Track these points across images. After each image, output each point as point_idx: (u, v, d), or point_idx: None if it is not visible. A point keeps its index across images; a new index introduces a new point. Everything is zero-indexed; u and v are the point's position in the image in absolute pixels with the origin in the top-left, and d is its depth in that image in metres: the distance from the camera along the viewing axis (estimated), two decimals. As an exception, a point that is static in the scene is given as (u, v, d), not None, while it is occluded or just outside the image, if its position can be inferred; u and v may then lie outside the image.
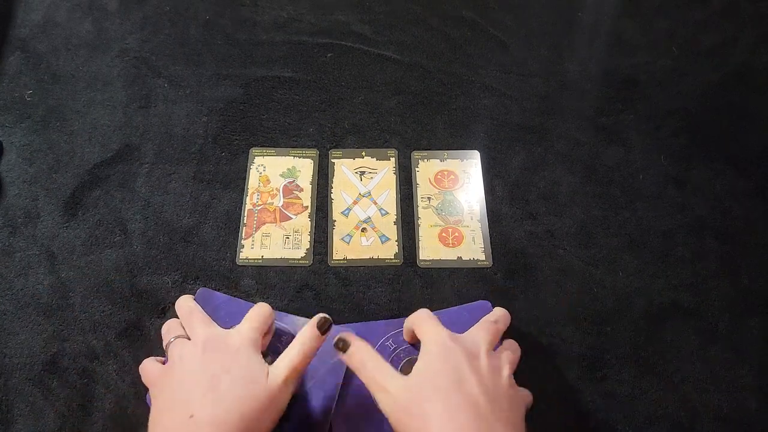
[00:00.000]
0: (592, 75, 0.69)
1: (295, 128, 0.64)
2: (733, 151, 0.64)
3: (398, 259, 0.56)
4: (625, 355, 0.52)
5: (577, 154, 0.63)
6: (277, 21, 0.72)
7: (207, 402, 0.36)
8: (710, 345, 0.52)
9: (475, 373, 0.37)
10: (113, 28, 0.70)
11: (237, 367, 0.39)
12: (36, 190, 0.58)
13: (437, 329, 0.41)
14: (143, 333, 0.51)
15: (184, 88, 0.66)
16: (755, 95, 0.68)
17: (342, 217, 0.58)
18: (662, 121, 0.66)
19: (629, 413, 0.49)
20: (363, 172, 0.61)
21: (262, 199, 0.59)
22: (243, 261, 0.55)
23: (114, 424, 0.47)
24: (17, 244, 0.55)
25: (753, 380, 0.51)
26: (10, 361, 0.49)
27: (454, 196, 0.60)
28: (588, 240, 0.58)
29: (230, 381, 0.38)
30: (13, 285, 0.53)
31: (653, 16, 0.74)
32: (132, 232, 0.56)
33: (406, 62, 0.69)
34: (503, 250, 0.57)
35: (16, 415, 0.47)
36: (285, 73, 0.68)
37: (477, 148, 0.63)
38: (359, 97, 0.66)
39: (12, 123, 0.62)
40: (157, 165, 0.60)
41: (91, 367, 0.49)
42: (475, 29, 0.72)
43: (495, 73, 0.69)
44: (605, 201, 0.60)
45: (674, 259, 0.57)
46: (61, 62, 0.67)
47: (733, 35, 0.73)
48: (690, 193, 0.61)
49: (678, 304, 0.54)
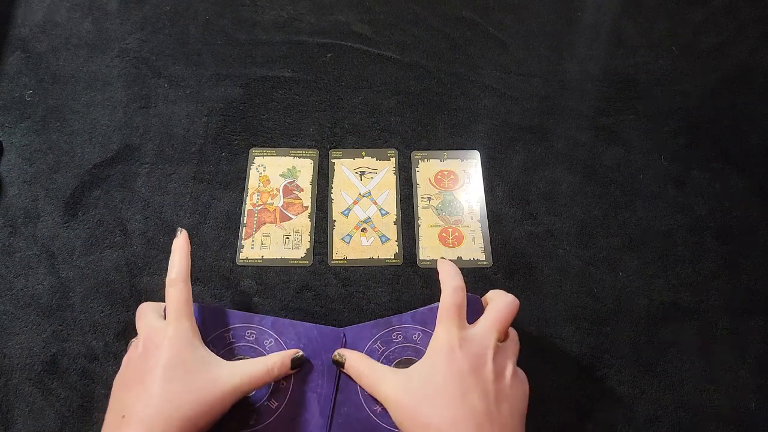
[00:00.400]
0: (592, 75, 0.69)
1: (295, 128, 0.64)
2: (733, 151, 0.64)
3: (398, 259, 0.56)
4: (625, 355, 0.52)
5: (577, 154, 0.63)
6: (277, 21, 0.72)
7: (138, 399, 0.36)
8: (710, 345, 0.52)
9: (480, 383, 0.37)
10: (113, 28, 0.70)
11: (172, 360, 0.37)
12: (36, 190, 0.58)
13: (450, 330, 0.40)
14: (143, 333, 0.51)
15: (184, 88, 0.66)
16: (755, 95, 0.68)
17: (342, 217, 0.58)
18: (662, 121, 0.66)
19: (629, 413, 0.49)
20: (363, 172, 0.61)
21: (262, 199, 0.59)
22: (243, 261, 0.55)
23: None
24: (17, 244, 0.55)
25: (753, 380, 0.51)
26: (10, 362, 0.49)
27: (454, 196, 0.60)
28: (588, 240, 0.58)
29: (162, 376, 0.36)
30: (13, 285, 0.53)
31: (653, 16, 0.74)
32: (132, 232, 0.56)
33: (406, 62, 0.69)
34: (503, 250, 0.57)
35: (16, 416, 0.47)
36: (285, 73, 0.68)
37: (477, 148, 0.63)
38: (359, 97, 0.66)
39: (12, 123, 0.62)
40: (157, 165, 0.60)
41: (91, 368, 0.49)
42: (475, 29, 0.72)
43: (495, 73, 0.69)
44: (605, 201, 0.60)
45: (674, 259, 0.57)
46: (61, 62, 0.67)
47: (733, 35, 0.73)
48: (690, 193, 0.61)
49: (678, 304, 0.54)
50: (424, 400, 0.37)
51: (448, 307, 0.41)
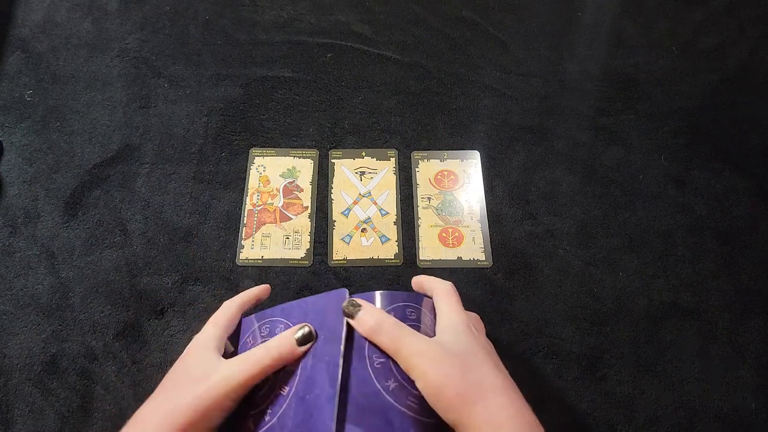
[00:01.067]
0: (592, 75, 0.69)
1: (295, 128, 0.64)
2: (733, 151, 0.64)
3: (398, 259, 0.56)
4: (625, 355, 0.52)
5: (577, 154, 0.63)
6: (277, 21, 0.72)
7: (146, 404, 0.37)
8: (710, 345, 0.52)
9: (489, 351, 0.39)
10: (113, 28, 0.70)
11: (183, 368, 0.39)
12: (36, 190, 0.58)
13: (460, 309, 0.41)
14: (141, 334, 0.51)
15: (184, 88, 0.66)
16: (755, 95, 0.68)
17: (342, 217, 0.58)
18: (662, 121, 0.66)
19: (629, 413, 0.49)
20: (363, 173, 0.61)
21: (262, 199, 0.59)
22: (243, 261, 0.55)
23: (113, 425, 0.47)
24: (17, 244, 0.55)
25: (753, 380, 0.51)
26: (9, 362, 0.49)
27: (454, 196, 0.60)
28: (588, 240, 0.58)
29: (164, 384, 0.38)
30: (13, 285, 0.53)
31: (653, 16, 0.74)
32: (132, 232, 0.56)
33: (406, 62, 0.69)
34: (503, 250, 0.57)
35: (16, 416, 0.47)
36: (285, 73, 0.67)
37: (477, 148, 0.63)
38: (359, 97, 0.66)
39: (12, 123, 0.62)
40: (157, 165, 0.60)
41: (90, 368, 0.49)
42: (475, 29, 0.72)
43: (495, 73, 0.69)
44: (605, 201, 0.60)
45: (674, 259, 0.57)
46: (61, 62, 0.67)
47: (733, 35, 0.73)
48: (690, 193, 0.61)
49: (678, 304, 0.54)
50: (469, 363, 0.36)
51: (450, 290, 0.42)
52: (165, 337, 0.51)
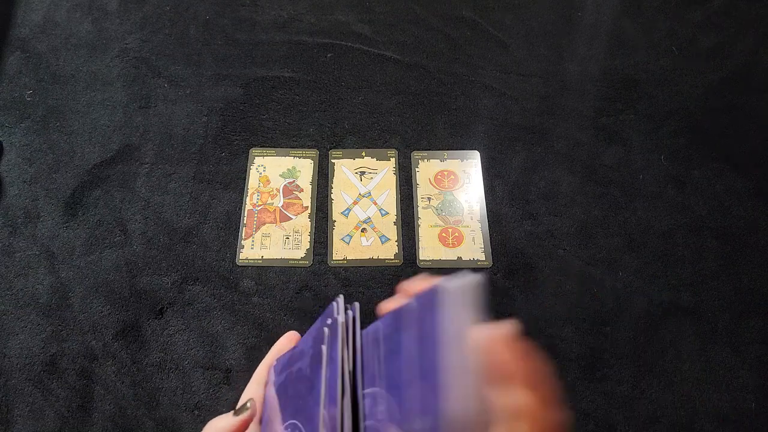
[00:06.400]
0: (592, 75, 0.69)
1: (295, 128, 0.64)
2: (733, 151, 0.63)
3: (398, 259, 0.56)
4: (625, 355, 0.52)
5: (577, 154, 0.63)
6: (277, 21, 0.72)
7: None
8: (710, 345, 0.52)
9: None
10: (113, 28, 0.70)
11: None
12: (36, 190, 0.58)
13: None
14: (140, 334, 0.51)
15: (184, 88, 0.66)
16: (755, 95, 0.68)
17: (342, 217, 0.58)
18: (662, 121, 0.66)
19: (629, 413, 0.49)
20: (363, 173, 0.61)
21: (262, 199, 0.59)
22: (243, 261, 0.55)
23: (113, 425, 0.47)
24: (17, 244, 0.55)
25: (753, 380, 0.51)
26: (9, 362, 0.49)
27: (454, 196, 0.60)
28: (588, 240, 0.58)
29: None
30: (13, 285, 0.53)
31: (653, 16, 0.74)
32: (132, 232, 0.56)
33: (406, 62, 0.69)
34: (503, 250, 0.57)
35: (16, 416, 0.47)
36: (285, 73, 0.67)
37: (477, 148, 0.63)
38: (359, 97, 0.66)
39: (12, 123, 0.62)
40: (157, 165, 0.60)
41: (90, 368, 0.49)
42: (475, 29, 0.72)
43: (495, 73, 0.69)
44: (605, 201, 0.60)
45: (674, 259, 0.57)
46: (61, 62, 0.67)
47: (733, 35, 0.73)
48: (690, 193, 0.61)
49: (678, 304, 0.54)
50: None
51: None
52: (164, 336, 0.51)
